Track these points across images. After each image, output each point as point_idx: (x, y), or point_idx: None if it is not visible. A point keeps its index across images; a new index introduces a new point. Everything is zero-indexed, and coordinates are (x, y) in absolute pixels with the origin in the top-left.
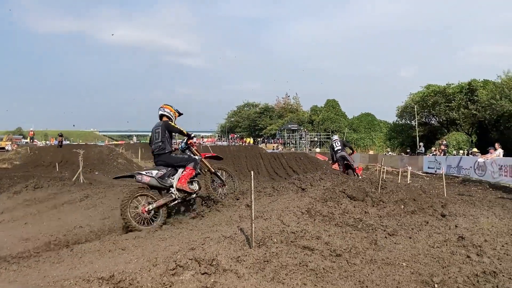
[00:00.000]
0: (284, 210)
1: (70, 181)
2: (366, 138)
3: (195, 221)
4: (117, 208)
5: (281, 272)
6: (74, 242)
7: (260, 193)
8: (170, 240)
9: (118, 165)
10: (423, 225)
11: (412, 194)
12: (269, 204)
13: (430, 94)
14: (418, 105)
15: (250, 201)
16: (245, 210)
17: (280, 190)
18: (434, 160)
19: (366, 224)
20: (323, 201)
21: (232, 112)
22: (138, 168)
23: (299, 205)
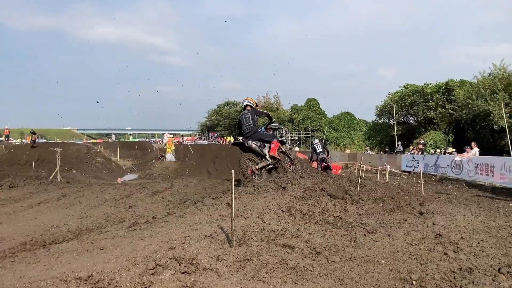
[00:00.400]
0: (265, 209)
1: (47, 180)
2: (345, 137)
3: (175, 220)
4: (95, 207)
5: (262, 270)
6: (51, 242)
7: (241, 191)
8: (149, 239)
9: (96, 164)
10: (402, 222)
11: (390, 192)
12: (250, 203)
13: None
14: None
15: (231, 200)
16: (226, 209)
17: (261, 188)
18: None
19: (345, 222)
20: (303, 199)
21: (212, 111)
22: (117, 166)
23: (279, 203)
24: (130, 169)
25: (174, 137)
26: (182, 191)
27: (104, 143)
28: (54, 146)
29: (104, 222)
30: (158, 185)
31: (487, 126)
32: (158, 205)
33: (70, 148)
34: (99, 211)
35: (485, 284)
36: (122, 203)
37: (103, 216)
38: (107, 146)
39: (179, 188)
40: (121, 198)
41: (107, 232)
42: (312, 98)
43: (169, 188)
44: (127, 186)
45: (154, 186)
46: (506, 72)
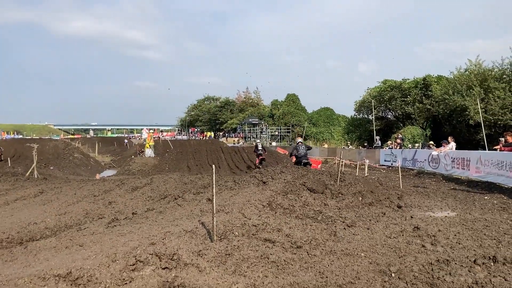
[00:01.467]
0: (246, 204)
1: (23, 177)
2: (325, 132)
3: (155, 216)
4: (74, 203)
5: (243, 265)
6: (29, 239)
7: (221, 187)
8: (129, 235)
9: (74, 160)
10: (380, 216)
11: (369, 187)
12: (231, 198)
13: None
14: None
15: (211, 195)
16: (206, 204)
17: (242, 183)
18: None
19: (325, 216)
20: (284, 194)
21: (192, 106)
22: (96, 162)
23: (260, 198)
24: (109, 165)
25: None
26: (162, 186)
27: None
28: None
29: (83, 218)
30: (138, 181)
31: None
32: (138, 201)
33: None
34: (77, 208)
35: (461, 275)
36: (101, 199)
37: (82, 212)
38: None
39: (159, 184)
40: (100, 194)
41: (86, 229)
42: (292, 94)
43: (149, 183)
44: (106, 182)
45: (134, 182)
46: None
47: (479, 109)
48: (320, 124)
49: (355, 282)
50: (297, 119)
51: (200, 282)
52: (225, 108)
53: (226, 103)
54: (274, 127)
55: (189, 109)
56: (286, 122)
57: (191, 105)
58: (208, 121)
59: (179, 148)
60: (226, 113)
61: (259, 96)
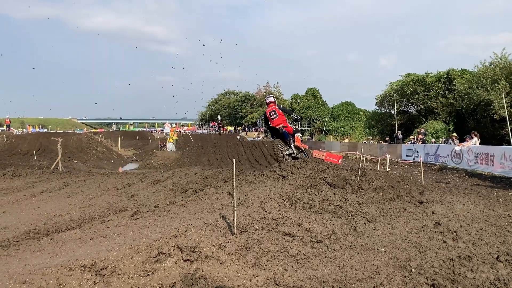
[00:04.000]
0: (266, 198)
1: (48, 170)
2: (346, 127)
3: (176, 209)
4: (97, 196)
5: (263, 258)
6: (54, 231)
7: (242, 181)
8: (152, 228)
9: (97, 153)
10: (401, 211)
11: (390, 182)
12: (251, 192)
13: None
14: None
15: (232, 189)
16: (227, 198)
17: (261, 178)
18: (412, 148)
19: (346, 211)
20: (304, 188)
21: (213, 100)
22: (118, 156)
23: (280, 192)
24: (131, 159)
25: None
26: (183, 180)
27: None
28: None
29: (106, 211)
30: (159, 175)
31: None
32: (160, 194)
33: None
34: (101, 200)
35: (483, 272)
36: (124, 192)
37: (105, 205)
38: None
39: (180, 178)
40: (122, 187)
41: (109, 221)
42: (313, 88)
43: (170, 177)
44: (129, 176)
45: (156, 175)
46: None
47: (504, 104)
48: (341, 119)
49: (375, 277)
50: (318, 113)
51: (220, 274)
52: (245, 103)
53: (246, 97)
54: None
55: (209, 104)
56: (307, 116)
57: (212, 100)
58: (228, 115)
59: (200, 142)
60: (246, 107)
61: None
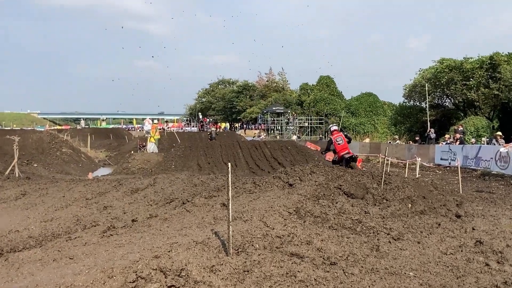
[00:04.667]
0: (268, 210)
1: (2, 176)
2: (367, 123)
3: (159, 224)
4: (62, 208)
5: (264, 284)
6: (10, 250)
7: (239, 189)
8: (129, 247)
9: (62, 156)
10: (434, 227)
11: (421, 191)
12: (250, 203)
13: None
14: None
15: (227, 199)
16: (221, 210)
17: (263, 186)
18: (448, 149)
19: (366, 226)
20: (315, 199)
21: (203, 91)
22: (88, 159)
23: (285, 203)
24: (104, 162)
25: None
26: (167, 188)
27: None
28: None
29: (74, 226)
30: (138, 182)
31: None
32: (139, 205)
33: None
34: (66, 213)
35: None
36: (94, 203)
37: (72, 219)
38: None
39: (164, 185)
40: (93, 197)
41: (77, 238)
42: (326, 76)
43: (152, 185)
44: (101, 183)
45: (134, 182)
46: None
47: None
48: (361, 114)
49: None
50: (332, 107)
51: None
52: (243, 94)
53: (244, 87)
54: (303, 117)
55: (199, 95)
56: (318, 111)
57: (202, 90)
58: (222, 109)
59: (187, 142)
60: (245, 99)
61: (285, 79)
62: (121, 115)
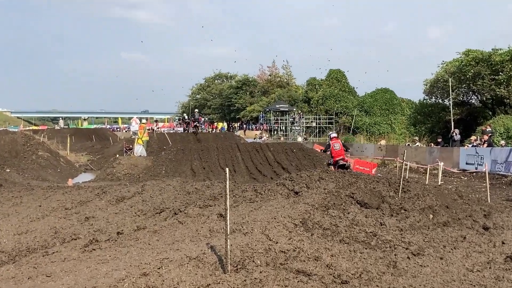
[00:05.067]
0: (271, 222)
1: None
2: (382, 123)
3: (148, 237)
4: (38, 219)
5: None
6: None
7: (238, 198)
8: (113, 263)
9: (38, 160)
10: (459, 241)
11: (444, 200)
12: (250, 213)
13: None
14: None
15: (225, 209)
16: (218, 222)
17: (265, 194)
18: (475, 153)
19: (382, 240)
20: (324, 208)
21: (198, 87)
22: (67, 163)
23: (291, 214)
24: (85, 167)
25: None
26: (157, 197)
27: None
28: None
29: (51, 239)
30: (124, 189)
31: None
32: (125, 216)
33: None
34: (43, 225)
35: None
36: (75, 213)
37: (50, 231)
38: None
39: (153, 193)
40: (73, 206)
41: (55, 253)
42: (336, 69)
43: (140, 193)
44: (82, 191)
45: (119, 190)
46: None
47: None
48: (376, 112)
49: None
50: (343, 104)
51: None
52: (242, 90)
53: (244, 82)
54: (310, 116)
55: (193, 91)
56: (328, 108)
57: (196, 86)
58: (219, 107)
59: (180, 144)
60: (245, 96)
61: (289, 73)
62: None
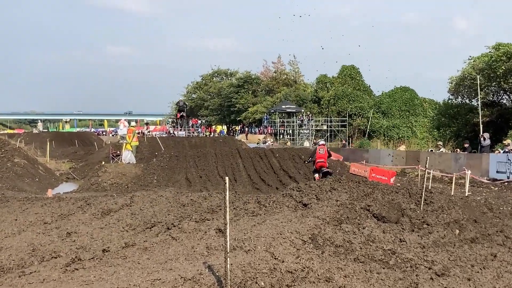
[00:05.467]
0: (276, 238)
1: None
2: (402, 126)
3: (137, 255)
4: (14, 234)
5: None
6: None
7: (239, 210)
8: (98, 285)
9: (14, 168)
10: (489, 259)
11: (472, 213)
12: (253, 228)
13: (501, 58)
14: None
15: (224, 224)
16: (216, 238)
17: (270, 206)
18: (506, 160)
19: (401, 258)
20: (336, 223)
21: (194, 85)
22: (47, 171)
23: (299, 229)
24: (67, 176)
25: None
26: (148, 210)
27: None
28: None
29: (28, 257)
30: (111, 201)
31: None
32: (111, 231)
33: None
34: (19, 241)
35: None
36: (55, 228)
37: (27, 248)
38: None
39: (144, 206)
40: (53, 220)
41: (33, 274)
42: (350, 66)
43: (128, 205)
44: (63, 203)
45: (105, 202)
46: None
47: None
48: (395, 114)
49: None
50: (358, 105)
51: None
52: (244, 89)
53: (246, 80)
54: (321, 118)
55: (189, 90)
56: (340, 110)
57: (192, 84)
58: (218, 108)
59: (173, 149)
60: (247, 96)
61: (297, 69)
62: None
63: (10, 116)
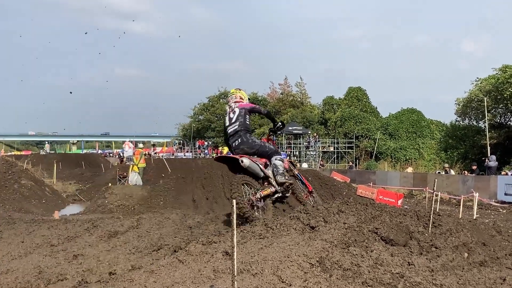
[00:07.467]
0: (284, 261)
1: None
2: (409, 148)
3: (143, 278)
4: (20, 256)
5: None
6: None
7: (246, 233)
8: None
9: (21, 189)
10: (498, 283)
11: (480, 236)
12: (260, 251)
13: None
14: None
15: (231, 247)
16: (223, 261)
17: (277, 228)
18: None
19: (410, 282)
20: (344, 246)
21: (201, 106)
22: (54, 193)
23: (306, 252)
24: (74, 198)
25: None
26: (154, 232)
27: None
28: None
29: (35, 280)
30: (118, 223)
31: None
32: (118, 254)
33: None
34: (26, 263)
35: None
36: (62, 250)
37: (33, 271)
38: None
39: (150, 228)
40: (60, 242)
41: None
42: (357, 87)
43: (135, 227)
44: (70, 225)
45: (112, 224)
46: None
47: None
48: (401, 135)
49: None
50: (365, 126)
51: None
52: None
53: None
54: (327, 140)
55: (196, 112)
56: (347, 131)
57: (199, 105)
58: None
59: (180, 171)
60: (253, 117)
61: (304, 91)
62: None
63: (17, 137)
